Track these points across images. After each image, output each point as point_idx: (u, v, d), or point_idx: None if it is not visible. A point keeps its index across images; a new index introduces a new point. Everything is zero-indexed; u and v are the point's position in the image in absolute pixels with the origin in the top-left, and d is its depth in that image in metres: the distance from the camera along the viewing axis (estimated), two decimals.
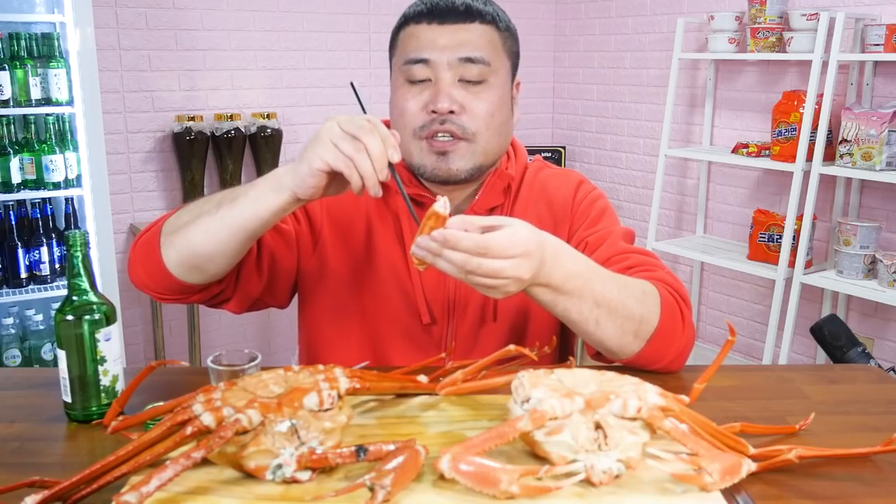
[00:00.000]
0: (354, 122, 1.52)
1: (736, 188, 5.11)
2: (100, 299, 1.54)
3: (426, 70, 1.81)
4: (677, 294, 1.75)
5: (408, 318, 1.92)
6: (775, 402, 1.63)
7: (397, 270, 1.92)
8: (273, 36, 5.05)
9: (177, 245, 1.67)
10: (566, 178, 2.04)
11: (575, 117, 6.12)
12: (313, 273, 1.95)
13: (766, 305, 4.92)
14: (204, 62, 4.86)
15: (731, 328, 1.43)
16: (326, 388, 1.33)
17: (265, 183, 1.60)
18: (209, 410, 1.27)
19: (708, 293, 5.36)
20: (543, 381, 1.35)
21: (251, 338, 5.20)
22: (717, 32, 4.79)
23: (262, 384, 1.35)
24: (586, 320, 1.63)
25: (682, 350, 1.73)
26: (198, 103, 4.87)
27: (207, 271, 1.70)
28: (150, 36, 4.68)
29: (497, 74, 1.85)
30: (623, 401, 1.27)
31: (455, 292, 1.91)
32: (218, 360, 1.53)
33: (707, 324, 5.35)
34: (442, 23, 1.81)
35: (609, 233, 1.91)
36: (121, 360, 1.57)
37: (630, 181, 5.76)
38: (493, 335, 1.92)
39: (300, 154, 1.57)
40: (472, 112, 1.81)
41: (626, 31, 5.66)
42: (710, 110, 5.16)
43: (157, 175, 4.80)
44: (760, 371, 1.90)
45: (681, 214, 5.47)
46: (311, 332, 2.00)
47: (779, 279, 4.44)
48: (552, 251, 1.55)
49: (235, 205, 1.61)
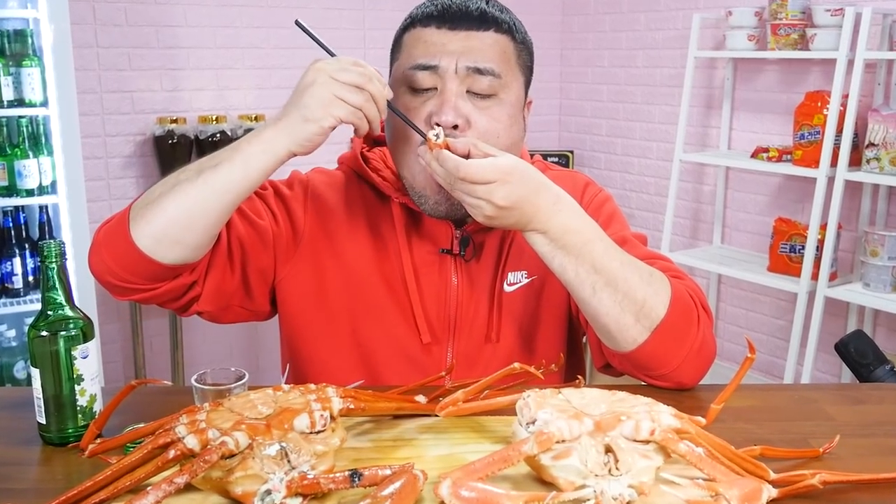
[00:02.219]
0: (348, 69, 1.60)
1: (755, 195, 5.11)
2: (76, 314, 1.54)
3: (432, 78, 1.77)
4: (696, 297, 1.76)
5: (406, 336, 1.91)
6: (797, 423, 1.63)
7: (395, 286, 1.91)
8: (261, 33, 5.06)
9: (151, 217, 1.65)
10: (571, 180, 2.04)
11: (583, 120, 6.13)
12: (294, 282, 1.92)
13: (787, 320, 4.92)
14: (187, 61, 4.87)
15: (750, 345, 1.43)
16: (318, 409, 1.33)
17: (251, 145, 1.63)
18: (193, 433, 1.27)
19: (726, 307, 5.36)
20: (550, 401, 1.35)
21: (238, 355, 5.20)
22: (736, 29, 4.80)
23: (249, 404, 1.35)
24: (583, 284, 1.67)
25: (696, 352, 1.73)
26: (181, 105, 4.87)
27: (184, 241, 1.67)
28: (130, 33, 4.69)
29: (508, 89, 1.81)
30: (635, 422, 1.27)
31: (457, 310, 1.91)
32: (202, 379, 1.53)
33: (725, 340, 5.35)
34: (453, 28, 1.77)
35: (623, 238, 1.89)
36: (99, 378, 1.57)
37: (642, 188, 5.77)
38: (495, 356, 1.92)
39: (294, 109, 1.61)
40: (478, 129, 1.77)
41: (638, 27, 5.68)
42: (728, 112, 5.17)
43: (138, 181, 4.80)
44: (782, 391, 1.91)
45: (696, 223, 5.48)
46: (294, 352, 1.99)
47: (801, 292, 4.44)
48: (551, 198, 1.66)
49: (219, 169, 1.63)
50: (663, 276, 1.73)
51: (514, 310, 1.92)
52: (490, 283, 1.92)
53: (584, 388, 1.44)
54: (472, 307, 1.91)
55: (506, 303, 1.92)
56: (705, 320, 1.75)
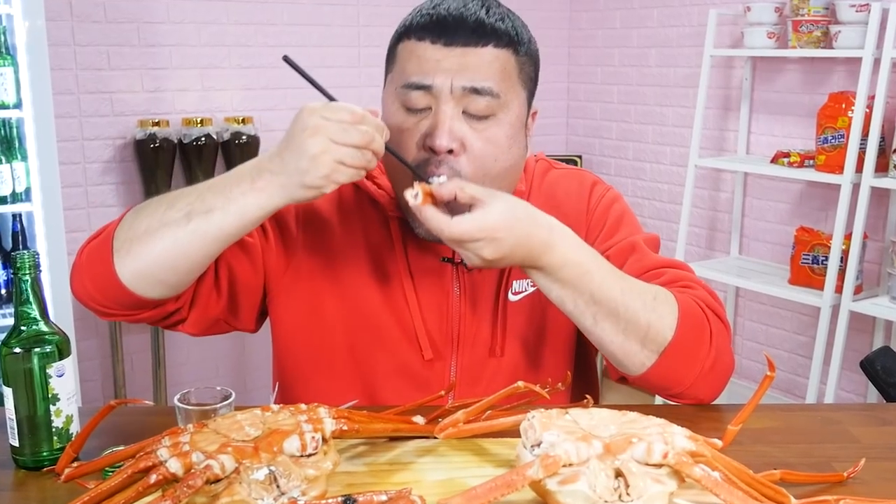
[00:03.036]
0: (349, 131, 1.57)
1: (776, 203, 5.12)
2: (52, 329, 1.54)
3: (426, 98, 1.76)
4: (708, 309, 1.77)
5: (407, 353, 1.91)
6: (820, 446, 1.63)
7: (393, 299, 1.91)
8: (249, 30, 5.06)
9: (135, 255, 1.67)
10: (577, 179, 2.05)
11: (592, 122, 6.14)
12: (286, 297, 1.94)
13: (809, 336, 4.92)
14: (170, 59, 4.88)
15: (770, 362, 1.43)
16: (309, 431, 1.33)
17: (247, 197, 1.62)
18: (176, 456, 1.27)
19: (744, 322, 5.36)
20: (557, 422, 1.36)
21: (224, 373, 5.20)
22: (755, 26, 4.81)
23: (236, 426, 1.35)
24: (583, 314, 1.71)
25: (708, 370, 1.73)
26: (163, 106, 4.88)
27: (169, 283, 1.71)
28: (109, 30, 4.69)
29: (507, 108, 1.79)
30: (647, 445, 1.27)
31: (460, 323, 1.91)
32: (186, 399, 1.53)
33: (743, 357, 5.35)
34: (448, 43, 1.74)
35: (633, 244, 1.91)
36: (75, 398, 1.57)
37: (655, 195, 5.78)
38: (499, 371, 1.93)
39: (289, 168, 1.59)
40: (473, 152, 1.77)
41: (650, 24, 5.69)
42: (747, 114, 5.17)
43: (117, 188, 4.80)
44: (803, 411, 1.90)
45: (713, 233, 5.48)
46: (287, 368, 2.00)
47: (824, 306, 4.44)
48: (543, 237, 1.67)
49: (211, 218, 1.63)
50: (669, 295, 1.74)
51: (519, 321, 1.92)
52: (493, 293, 1.93)
53: (593, 409, 1.44)
54: (475, 319, 1.91)
55: (510, 314, 1.92)
56: (719, 333, 1.76)
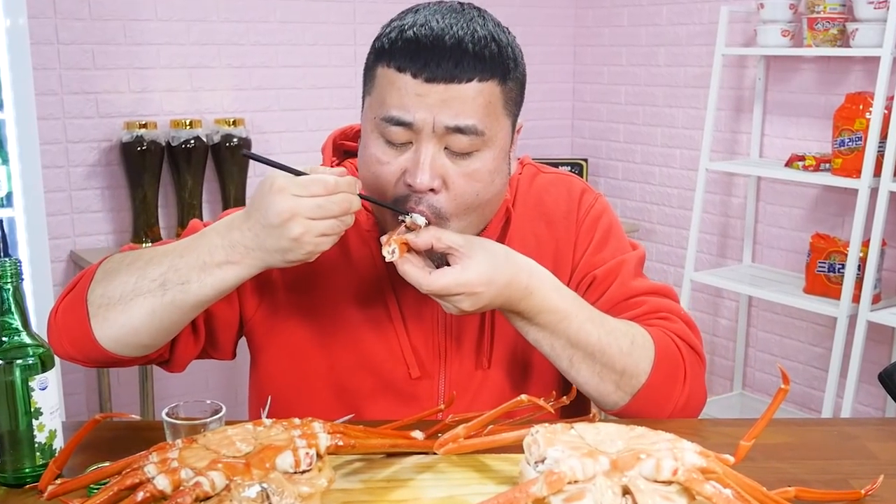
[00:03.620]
0: (323, 205, 1.59)
1: (790, 208, 5.12)
2: (34, 341, 1.54)
3: (407, 133, 1.74)
4: (684, 345, 1.86)
5: (392, 371, 1.93)
6: (837, 462, 1.63)
7: (378, 318, 1.93)
8: (240, 28, 5.06)
9: (112, 322, 1.71)
10: (565, 186, 2.06)
11: (599, 124, 6.14)
12: (263, 320, 1.96)
13: (825, 348, 4.91)
14: (158, 59, 4.87)
15: (784, 375, 1.43)
16: (303, 446, 1.33)
17: (224, 272, 1.65)
18: (164, 472, 1.27)
19: (756, 333, 5.36)
20: (561, 437, 1.36)
21: (214, 386, 5.20)
22: (768, 23, 4.81)
23: (226, 441, 1.36)
24: (559, 357, 1.79)
25: (681, 407, 1.84)
26: (151, 108, 4.87)
27: (148, 346, 1.77)
28: (94, 28, 4.69)
29: (492, 143, 1.78)
30: (656, 461, 1.27)
31: (446, 337, 1.93)
32: (174, 413, 1.54)
33: (755, 370, 5.35)
34: (430, 80, 1.71)
35: (620, 265, 1.96)
36: (59, 412, 1.58)
37: (664, 200, 5.78)
38: (488, 383, 1.95)
39: (275, 251, 1.61)
40: (454, 189, 1.76)
41: (659, 21, 5.69)
42: (760, 116, 5.17)
43: (103, 193, 4.80)
44: (819, 426, 1.91)
45: (725, 240, 5.48)
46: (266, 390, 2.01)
47: (841, 316, 4.43)
48: (522, 283, 1.73)
49: (188, 289, 1.66)
50: (647, 339, 1.82)
51: (507, 331, 1.93)
52: None
53: (600, 423, 1.44)
54: (461, 333, 1.93)
55: (498, 323, 1.94)
56: (693, 370, 1.86)
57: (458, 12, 1.77)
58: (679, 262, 5.50)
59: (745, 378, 5.39)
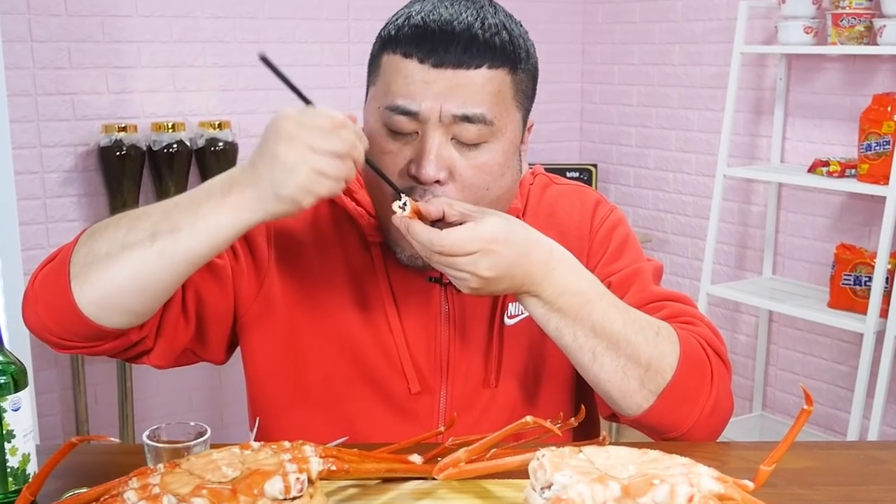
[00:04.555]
0: (328, 136, 1.58)
1: (814, 217, 5.12)
2: (6, 358, 1.54)
3: (413, 123, 1.76)
4: (709, 348, 1.83)
5: (391, 385, 1.93)
6: (863, 488, 1.63)
7: (376, 327, 1.93)
8: (226, 24, 5.07)
9: (95, 281, 1.67)
10: (579, 197, 2.07)
11: (609, 127, 6.15)
12: (257, 325, 1.95)
13: (851, 366, 4.91)
14: (138, 58, 4.88)
15: (806, 395, 1.43)
16: (294, 471, 1.34)
17: (218, 214, 1.62)
18: (145, 499, 1.27)
19: (777, 350, 5.36)
20: (569, 461, 1.36)
21: (198, 407, 5.19)
22: (790, 20, 4.81)
23: (212, 466, 1.36)
24: (581, 349, 1.75)
25: (707, 413, 1.79)
26: (131, 109, 4.88)
27: (134, 311, 1.72)
28: (71, 24, 4.69)
29: (501, 133, 1.80)
30: (670, 487, 1.27)
31: (449, 351, 1.93)
32: (156, 436, 1.54)
33: (776, 389, 5.35)
34: (438, 64, 1.73)
35: (636, 272, 1.96)
36: (33, 435, 1.58)
37: (679, 208, 5.78)
38: (492, 404, 1.94)
39: (263, 180, 1.59)
40: (462, 181, 1.78)
41: (674, 17, 5.70)
42: (781, 118, 5.18)
43: (80, 200, 4.80)
44: (844, 449, 1.91)
45: (743, 251, 5.48)
46: (258, 402, 2.01)
47: (868, 332, 4.43)
48: (543, 257, 1.71)
49: (179, 237, 1.63)
50: (671, 331, 1.80)
51: (515, 348, 1.94)
52: (488, 316, 1.94)
53: (610, 447, 1.44)
54: (466, 346, 1.93)
55: (507, 339, 1.94)
56: (720, 375, 1.83)
57: (468, 0, 1.80)
58: (695, 275, 5.50)
59: (766, 398, 5.39)
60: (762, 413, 5.37)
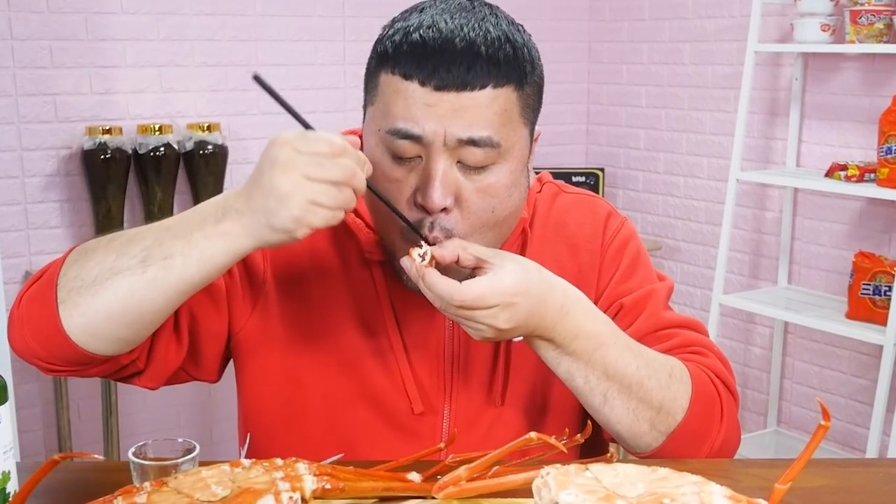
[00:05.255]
0: (326, 164, 1.56)
1: (831, 224, 5.12)
2: None
3: (416, 147, 1.73)
4: (719, 382, 1.88)
5: (392, 404, 1.93)
6: None
7: (379, 346, 1.93)
8: (216, 21, 5.07)
9: (84, 308, 1.67)
10: (590, 208, 2.06)
11: (617, 130, 6.15)
12: (252, 342, 1.96)
13: (871, 379, 4.91)
14: (124, 56, 4.88)
15: (824, 410, 1.43)
16: (286, 490, 1.34)
17: (211, 241, 1.62)
18: None
19: (794, 363, 5.36)
20: (575, 479, 1.36)
21: (186, 423, 5.19)
22: (807, 17, 4.81)
23: (200, 484, 1.36)
24: (592, 392, 1.78)
25: (716, 451, 1.84)
26: (116, 111, 4.87)
27: (124, 339, 1.72)
28: (53, 21, 4.69)
29: (509, 154, 1.78)
30: None
31: (453, 370, 1.93)
32: (142, 453, 1.54)
33: (792, 404, 5.34)
34: (440, 88, 1.70)
35: (649, 294, 1.97)
36: (13, 452, 1.58)
37: (690, 215, 5.78)
38: (499, 421, 1.94)
39: (256, 209, 1.58)
40: (468, 207, 1.76)
41: (685, 14, 5.70)
42: (797, 120, 5.18)
43: (62, 206, 4.79)
44: (864, 467, 1.90)
45: (757, 259, 5.48)
46: (252, 420, 2.01)
47: (888, 344, 4.43)
48: (557, 303, 1.72)
49: (171, 265, 1.63)
50: (684, 371, 1.84)
51: (523, 365, 1.94)
52: None
53: (618, 464, 1.44)
54: (471, 362, 1.93)
55: (514, 355, 1.94)
56: (729, 410, 1.88)
57: (468, 11, 1.76)
58: (706, 284, 5.50)
59: (781, 413, 5.39)
60: (777, 429, 5.37)
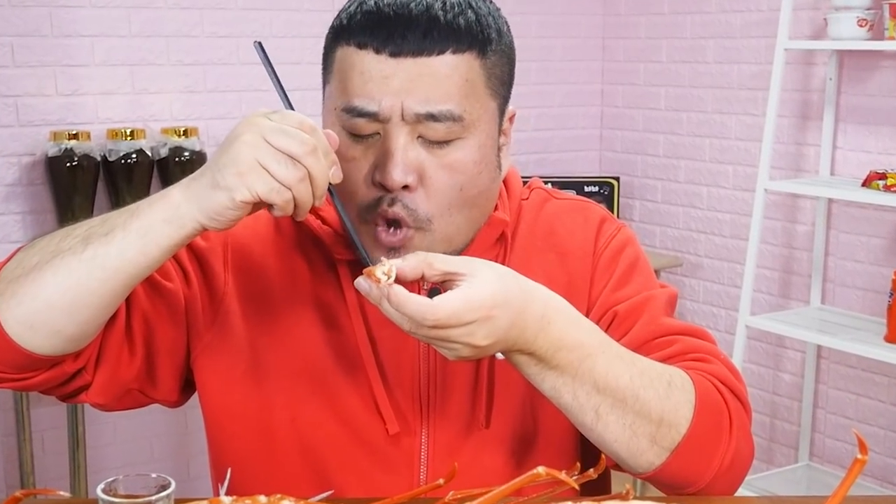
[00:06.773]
0: (288, 133, 1.58)
1: (868, 238, 5.12)
2: None
3: (373, 124, 1.77)
4: (726, 390, 1.83)
5: (366, 425, 1.93)
6: None
7: (349, 360, 1.93)
8: (193, 16, 5.07)
9: (22, 295, 1.67)
10: (582, 214, 2.07)
11: (633, 135, 6.16)
12: (213, 360, 1.96)
13: None
14: (92, 54, 4.87)
15: (861, 442, 1.43)
16: None
17: (153, 211, 1.63)
18: None
19: (827, 391, 5.35)
20: None
21: (161, 456, 5.19)
22: (842, 11, 4.81)
23: None
24: (582, 408, 1.72)
25: (727, 466, 1.78)
26: (83, 114, 4.87)
27: (65, 333, 1.70)
28: (14, 16, 4.69)
29: (474, 128, 1.80)
30: None
31: (430, 387, 1.93)
32: (112, 489, 1.54)
33: (826, 436, 5.34)
34: (396, 53, 1.73)
35: (646, 300, 1.95)
36: None
37: (714, 228, 5.78)
38: (485, 447, 1.94)
39: (210, 170, 1.60)
40: (431, 186, 1.78)
41: (708, 8, 5.70)
42: (831, 124, 5.18)
43: (24, 218, 4.79)
44: None
45: (788, 276, 5.49)
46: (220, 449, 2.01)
47: None
48: (538, 312, 1.67)
49: (111, 240, 1.63)
50: (685, 378, 1.79)
51: (509, 382, 1.93)
52: None
53: (634, 501, 1.45)
54: (450, 380, 1.93)
55: (499, 373, 1.93)
56: (739, 420, 1.83)
57: None
58: (732, 305, 5.50)
59: (813, 446, 5.38)
60: (809, 463, 5.36)
